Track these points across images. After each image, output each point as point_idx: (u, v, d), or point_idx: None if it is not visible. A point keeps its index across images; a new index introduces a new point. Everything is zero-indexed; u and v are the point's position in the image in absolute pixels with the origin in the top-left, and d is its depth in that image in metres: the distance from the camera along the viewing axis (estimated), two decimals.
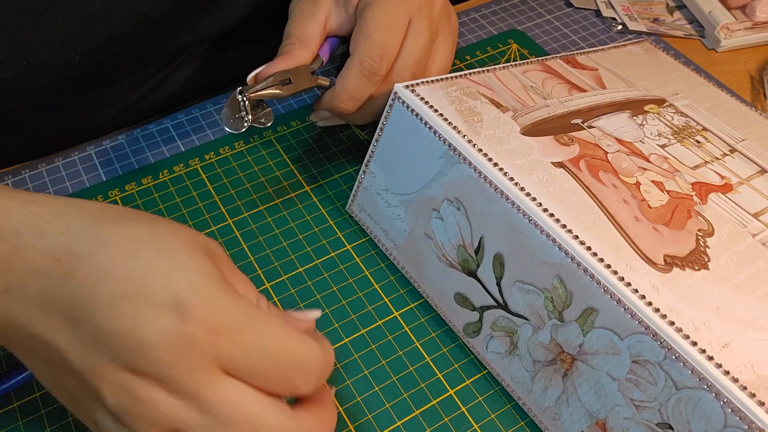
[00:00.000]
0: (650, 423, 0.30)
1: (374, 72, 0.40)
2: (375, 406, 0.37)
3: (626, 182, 0.36)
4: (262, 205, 0.45)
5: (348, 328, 0.40)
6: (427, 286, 0.40)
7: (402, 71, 0.41)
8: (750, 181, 0.40)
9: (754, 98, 0.55)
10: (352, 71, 0.40)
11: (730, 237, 0.35)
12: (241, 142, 0.49)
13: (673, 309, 0.30)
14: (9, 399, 0.36)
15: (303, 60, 0.41)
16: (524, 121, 0.38)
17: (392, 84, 0.41)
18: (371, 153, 0.41)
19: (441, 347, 0.39)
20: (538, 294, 0.33)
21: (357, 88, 0.41)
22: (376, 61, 0.40)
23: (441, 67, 0.44)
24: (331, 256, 0.43)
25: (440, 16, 0.44)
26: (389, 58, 0.41)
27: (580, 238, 0.32)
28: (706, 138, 0.42)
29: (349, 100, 0.41)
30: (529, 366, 0.35)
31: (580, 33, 0.60)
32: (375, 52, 0.40)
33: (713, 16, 0.60)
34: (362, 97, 0.41)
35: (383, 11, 0.40)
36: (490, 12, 0.62)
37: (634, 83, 0.46)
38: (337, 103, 0.42)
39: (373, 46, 0.40)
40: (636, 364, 0.30)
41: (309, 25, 0.43)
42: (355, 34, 0.41)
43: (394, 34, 0.40)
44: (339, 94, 0.41)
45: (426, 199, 0.38)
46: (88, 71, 0.45)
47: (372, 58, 0.40)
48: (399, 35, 0.41)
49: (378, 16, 0.40)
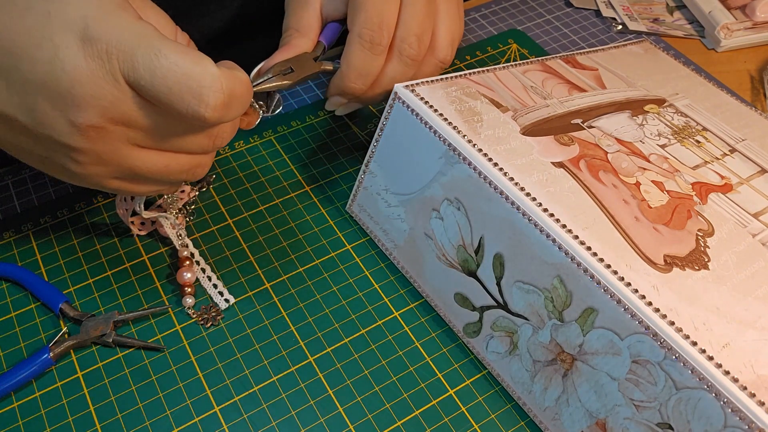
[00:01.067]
0: (650, 423, 0.30)
1: (375, 42, 0.39)
2: (375, 406, 0.37)
3: (626, 182, 0.36)
4: (262, 205, 0.45)
5: (348, 328, 0.40)
6: (427, 286, 0.40)
7: (406, 37, 0.40)
8: (750, 181, 0.40)
9: (754, 98, 0.55)
10: (354, 47, 0.39)
11: (730, 237, 0.35)
12: (241, 142, 0.49)
13: (673, 309, 0.30)
14: (9, 399, 0.36)
15: (303, 48, 0.41)
16: (524, 121, 0.38)
17: (399, 53, 0.40)
18: (371, 153, 0.41)
19: (441, 347, 0.39)
20: (538, 294, 0.33)
21: (363, 63, 0.40)
22: (375, 31, 0.38)
23: (449, 29, 0.42)
24: (331, 256, 0.43)
25: None
26: (388, 26, 0.39)
27: (580, 238, 0.32)
28: (706, 138, 0.42)
29: (357, 77, 0.40)
30: (529, 366, 0.35)
31: (580, 33, 0.60)
32: (372, 21, 0.38)
33: (713, 16, 0.60)
34: (371, 72, 0.40)
35: None
36: (490, 12, 0.62)
37: (634, 83, 0.46)
38: (346, 84, 0.41)
39: (368, 16, 0.39)
40: (636, 364, 0.30)
41: (304, 14, 0.42)
42: (349, 11, 0.40)
43: (387, 1, 0.39)
44: (346, 73, 0.40)
45: (426, 199, 0.38)
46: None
47: (370, 28, 0.38)
48: (394, 1, 0.39)
49: None
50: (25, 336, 0.38)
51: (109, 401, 0.36)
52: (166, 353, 0.38)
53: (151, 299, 0.40)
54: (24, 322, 0.39)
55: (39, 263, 0.41)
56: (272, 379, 0.37)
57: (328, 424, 0.36)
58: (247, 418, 0.36)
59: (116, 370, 0.37)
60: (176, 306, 0.40)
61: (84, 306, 0.39)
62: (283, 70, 0.39)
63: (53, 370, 0.37)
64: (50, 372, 0.37)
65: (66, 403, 0.36)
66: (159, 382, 0.37)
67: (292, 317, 0.40)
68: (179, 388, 0.37)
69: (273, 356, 0.38)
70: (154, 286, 0.41)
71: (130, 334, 0.38)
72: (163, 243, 0.43)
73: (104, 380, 0.37)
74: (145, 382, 0.37)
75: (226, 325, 0.39)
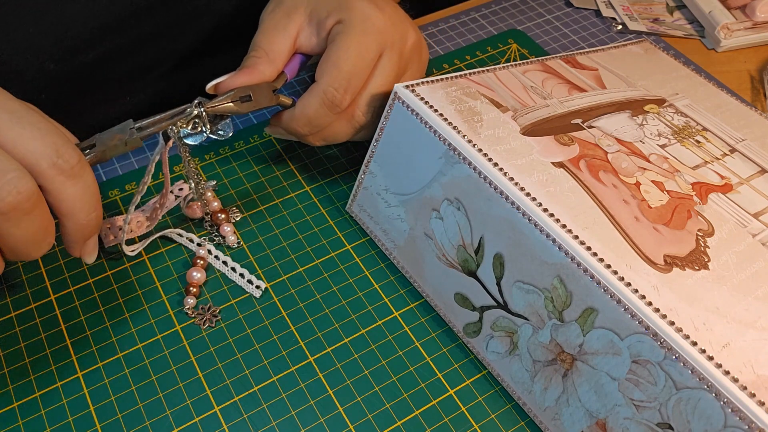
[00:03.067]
0: (650, 423, 0.30)
1: (336, 103, 0.39)
2: (375, 406, 0.37)
3: (626, 182, 0.36)
4: (262, 205, 0.45)
5: (348, 328, 0.40)
6: (427, 286, 0.40)
7: (363, 105, 0.41)
8: (750, 181, 0.40)
9: (754, 98, 0.55)
10: (314, 99, 0.40)
11: (730, 237, 0.35)
12: (242, 142, 0.49)
13: (673, 309, 0.30)
14: (9, 399, 0.36)
15: (266, 77, 0.40)
16: (524, 121, 0.38)
17: (351, 115, 0.41)
18: (371, 153, 0.41)
19: (441, 347, 0.39)
20: (538, 294, 0.33)
21: (316, 116, 0.40)
22: (339, 93, 0.39)
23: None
24: (331, 256, 0.43)
25: (411, 53, 0.42)
26: (354, 91, 0.40)
27: (580, 238, 0.32)
28: (706, 138, 0.42)
29: (306, 125, 0.41)
30: (529, 366, 0.35)
31: (580, 33, 0.60)
32: (340, 84, 0.39)
33: (713, 16, 0.60)
34: (320, 124, 0.41)
35: (355, 42, 0.39)
36: (490, 12, 0.62)
37: (634, 83, 0.46)
38: (293, 126, 0.41)
39: (340, 77, 0.39)
40: (636, 364, 0.30)
41: (278, 39, 0.41)
42: (323, 61, 0.40)
43: (362, 67, 0.39)
44: (297, 118, 0.41)
45: (426, 199, 0.38)
46: (65, 80, 0.45)
47: (336, 89, 0.39)
48: (367, 69, 0.40)
49: (349, 46, 0.39)
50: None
51: (109, 401, 0.36)
52: (166, 353, 0.38)
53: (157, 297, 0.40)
54: None
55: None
56: (272, 379, 0.37)
57: (328, 424, 0.36)
58: (247, 418, 0.36)
59: (116, 370, 0.37)
60: (177, 306, 0.40)
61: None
62: (242, 96, 0.39)
63: (53, 369, 0.37)
64: (50, 371, 0.37)
65: (66, 403, 0.36)
66: (159, 382, 0.37)
67: (292, 317, 0.40)
68: (179, 388, 0.37)
69: (273, 356, 0.38)
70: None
71: (131, 334, 0.39)
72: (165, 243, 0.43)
73: (104, 380, 0.37)
74: (145, 382, 0.37)
75: (226, 325, 0.39)
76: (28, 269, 0.41)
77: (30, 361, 0.37)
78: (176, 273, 0.41)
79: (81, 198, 0.31)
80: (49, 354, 0.38)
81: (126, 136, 0.34)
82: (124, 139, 0.34)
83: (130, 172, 0.47)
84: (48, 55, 0.43)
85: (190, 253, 0.42)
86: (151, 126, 0.36)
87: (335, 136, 0.42)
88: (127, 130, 0.35)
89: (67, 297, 0.40)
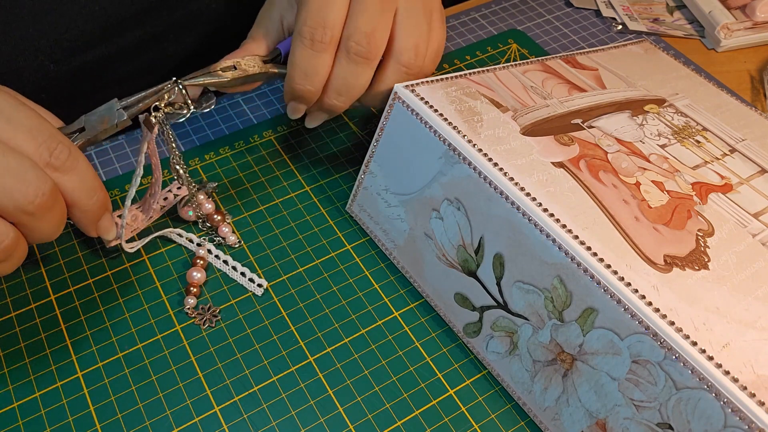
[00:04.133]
0: (650, 423, 0.30)
1: (316, 39, 0.37)
2: (375, 406, 0.37)
3: (626, 182, 0.36)
4: (262, 205, 0.45)
5: (348, 328, 0.40)
6: (427, 286, 0.40)
7: (352, 33, 0.38)
8: (750, 181, 0.40)
9: (754, 98, 0.55)
10: (295, 45, 0.38)
11: (730, 237, 0.35)
12: (241, 142, 0.49)
13: (673, 309, 0.30)
14: (9, 399, 0.36)
15: (252, 51, 0.40)
16: (524, 121, 0.38)
17: (346, 51, 0.38)
18: (371, 153, 0.41)
19: (441, 347, 0.39)
20: (538, 294, 0.33)
21: (305, 62, 0.38)
22: (315, 28, 0.37)
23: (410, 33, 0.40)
24: (331, 256, 0.43)
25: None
26: (332, 23, 0.37)
27: (580, 238, 0.32)
28: (706, 138, 0.42)
29: (302, 77, 0.39)
30: (529, 366, 0.35)
31: (580, 33, 0.60)
32: (312, 18, 0.37)
33: (713, 16, 0.60)
34: (316, 71, 0.38)
35: None
36: (490, 12, 0.62)
37: (634, 83, 0.46)
38: (292, 85, 0.39)
39: (309, 13, 0.37)
40: (636, 364, 0.30)
41: (264, 23, 0.42)
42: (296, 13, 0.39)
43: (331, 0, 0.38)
44: (291, 74, 0.39)
45: (426, 199, 0.38)
46: (65, 81, 0.45)
47: (310, 25, 0.37)
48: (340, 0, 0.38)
49: None
50: None
51: (109, 401, 0.36)
52: (166, 353, 0.38)
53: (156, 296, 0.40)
54: None
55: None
56: (272, 379, 0.37)
57: (328, 424, 0.36)
58: (247, 418, 0.36)
59: (116, 370, 0.37)
60: (177, 306, 0.40)
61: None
62: (224, 67, 0.38)
63: (53, 369, 0.37)
64: (50, 371, 0.37)
65: (66, 403, 0.36)
66: (159, 382, 0.37)
67: (292, 317, 0.40)
68: (179, 388, 0.37)
69: (273, 356, 0.38)
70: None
71: (131, 334, 0.39)
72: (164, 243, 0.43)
73: (104, 380, 0.37)
74: (145, 382, 0.37)
75: (226, 325, 0.39)
76: (28, 269, 0.41)
77: (30, 361, 0.37)
78: (176, 273, 0.41)
79: (79, 187, 0.33)
80: (49, 354, 0.38)
81: (115, 118, 0.35)
82: (114, 122, 0.35)
83: (130, 172, 0.46)
84: (48, 55, 0.43)
85: (190, 253, 0.42)
86: (136, 103, 0.36)
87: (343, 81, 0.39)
88: (114, 110, 0.35)
89: (67, 297, 0.40)
